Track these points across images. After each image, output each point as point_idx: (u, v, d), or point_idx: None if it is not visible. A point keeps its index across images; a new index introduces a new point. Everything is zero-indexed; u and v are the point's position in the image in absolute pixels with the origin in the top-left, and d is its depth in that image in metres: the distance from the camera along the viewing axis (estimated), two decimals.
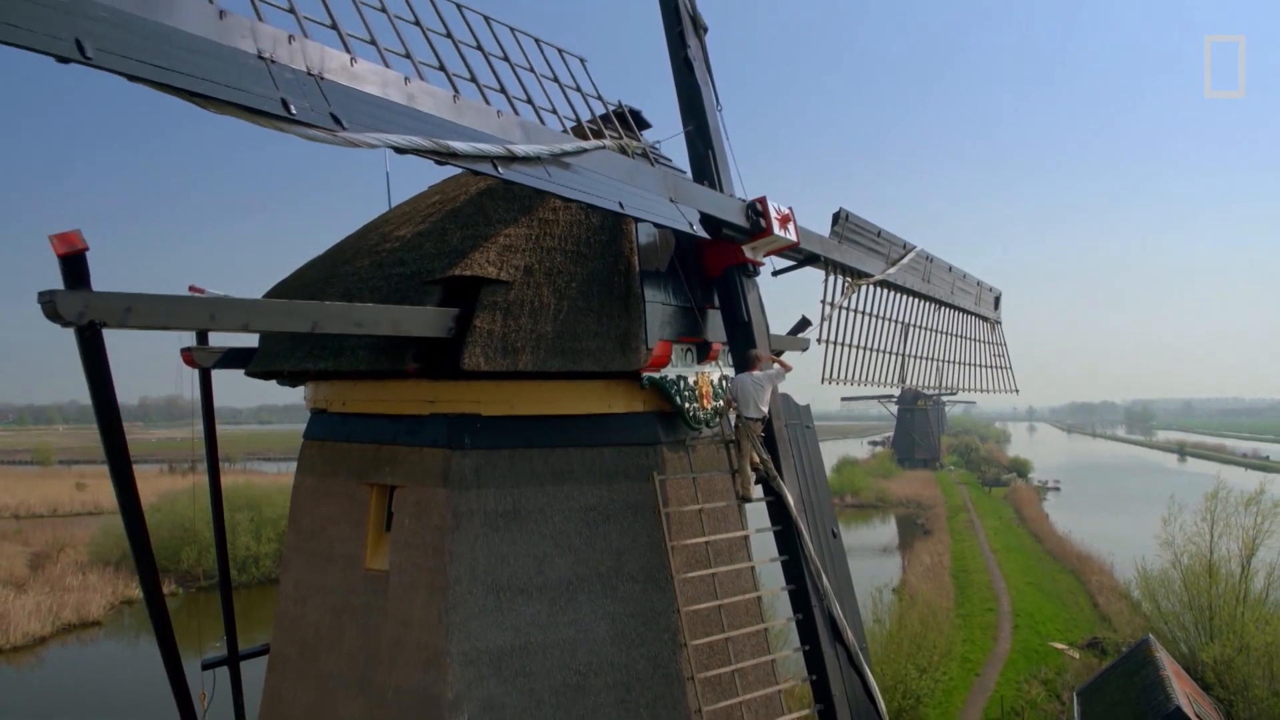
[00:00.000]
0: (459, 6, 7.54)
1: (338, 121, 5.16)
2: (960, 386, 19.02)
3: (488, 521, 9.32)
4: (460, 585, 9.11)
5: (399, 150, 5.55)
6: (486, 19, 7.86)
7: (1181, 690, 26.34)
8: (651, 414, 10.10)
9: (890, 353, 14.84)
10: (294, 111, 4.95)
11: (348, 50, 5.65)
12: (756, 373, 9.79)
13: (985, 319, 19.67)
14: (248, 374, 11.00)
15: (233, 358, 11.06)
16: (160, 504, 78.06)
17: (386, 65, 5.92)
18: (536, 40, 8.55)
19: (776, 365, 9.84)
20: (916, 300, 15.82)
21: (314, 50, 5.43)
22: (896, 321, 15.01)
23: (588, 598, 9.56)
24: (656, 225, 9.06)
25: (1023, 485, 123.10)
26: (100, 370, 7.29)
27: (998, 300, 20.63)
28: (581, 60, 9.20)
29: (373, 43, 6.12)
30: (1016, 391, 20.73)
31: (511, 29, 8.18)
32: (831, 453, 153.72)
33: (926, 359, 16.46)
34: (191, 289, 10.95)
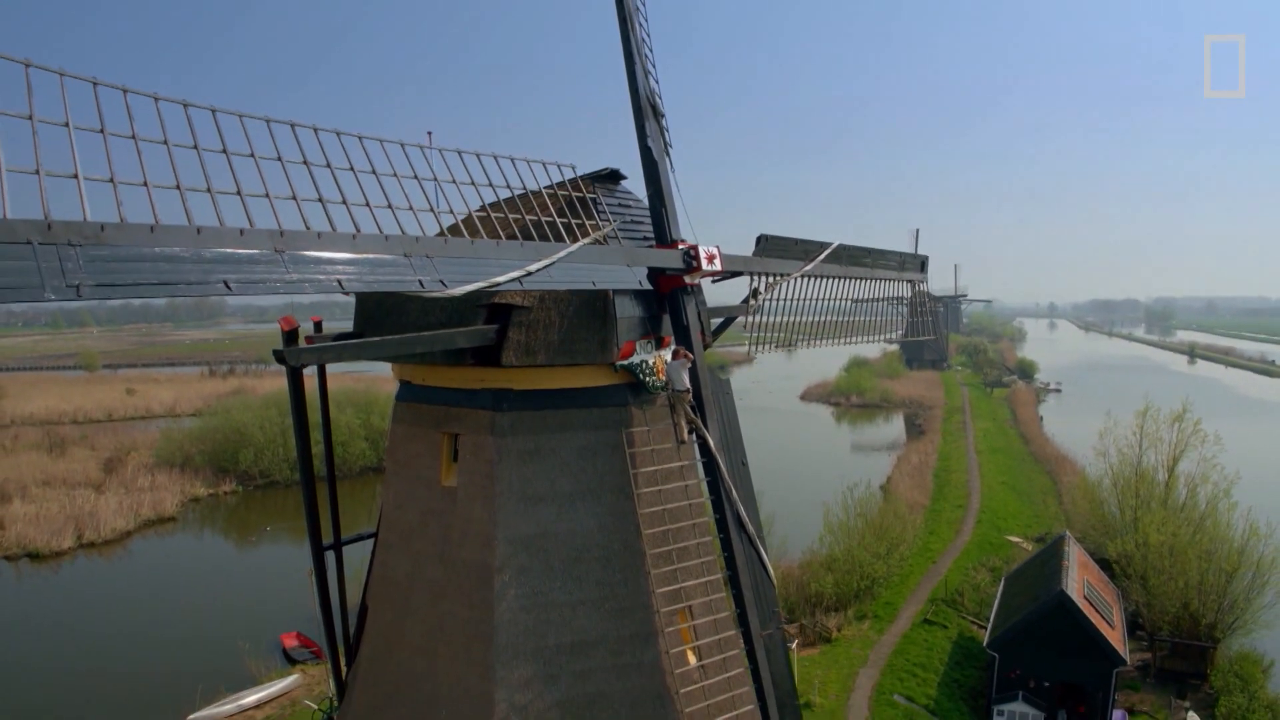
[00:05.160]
0: (495, 157, 12.60)
1: (443, 284, 10.25)
2: (885, 338, 24.15)
3: (519, 457, 14.74)
4: (503, 496, 14.60)
5: (472, 293, 10.64)
6: (511, 159, 12.94)
7: (1080, 578, 31.61)
8: (623, 385, 15.32)
9: (811, 320, 19.86)
10: (425, 285, 10.02)
11: (443, 232, 10.72)
12: (675, 361, 15.10)
13: (909, 281, 24.55)
14: None
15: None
16: (215, 408, 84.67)
17: (461, 230, 11.04)
18: (543, 163, 13.55)
19: (684, 357, 15.11)
20: (840, 280, 20.83)
21: (428, 241, 10.45)
22: (818, 299, 20.01)
23: (582, 504, 14.99)
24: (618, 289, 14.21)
25: (1022, 387, 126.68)
26: (301, 395, 12.74)
27: (924, 263, 25.36)
28: (573, 167, 14.20)
29: (450, 212, 11.24)
30: (934, 338, 25.81)
31: (528, 161, 13.23)
32: (844, 353, 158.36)
33: (848, 319, 21.55)
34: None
